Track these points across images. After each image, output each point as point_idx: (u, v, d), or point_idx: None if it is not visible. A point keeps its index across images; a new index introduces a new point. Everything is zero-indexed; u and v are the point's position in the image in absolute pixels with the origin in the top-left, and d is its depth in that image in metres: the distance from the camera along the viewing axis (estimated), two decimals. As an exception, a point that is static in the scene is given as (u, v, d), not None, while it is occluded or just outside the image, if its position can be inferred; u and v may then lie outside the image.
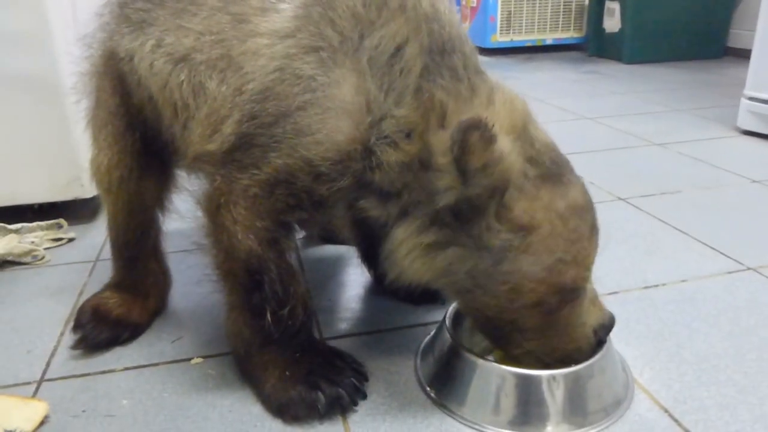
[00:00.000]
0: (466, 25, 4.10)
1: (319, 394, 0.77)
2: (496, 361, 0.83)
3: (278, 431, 0.76)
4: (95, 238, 1.33)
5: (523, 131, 0.70)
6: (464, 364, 0.79)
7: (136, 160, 0.90)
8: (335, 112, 0.69)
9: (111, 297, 0.97)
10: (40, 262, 1.21)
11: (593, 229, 0.71)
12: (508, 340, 0.78)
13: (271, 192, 0.72)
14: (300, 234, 1.28)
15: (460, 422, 0.77)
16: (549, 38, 3.97)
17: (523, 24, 3.89)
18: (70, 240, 1.32)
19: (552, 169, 0.70)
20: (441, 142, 0.66)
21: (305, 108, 0.69)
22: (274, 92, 0.70)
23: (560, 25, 3.95)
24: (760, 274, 1.12)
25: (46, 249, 1.26)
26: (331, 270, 1.19)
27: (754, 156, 1.83)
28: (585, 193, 0.72)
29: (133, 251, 0.97)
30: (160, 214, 0.99)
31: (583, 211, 0.70)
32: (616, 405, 0.79)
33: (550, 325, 0.73)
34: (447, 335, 0.84)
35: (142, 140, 0.90)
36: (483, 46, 3.92)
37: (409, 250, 0.71)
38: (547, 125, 0.76)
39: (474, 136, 0.62)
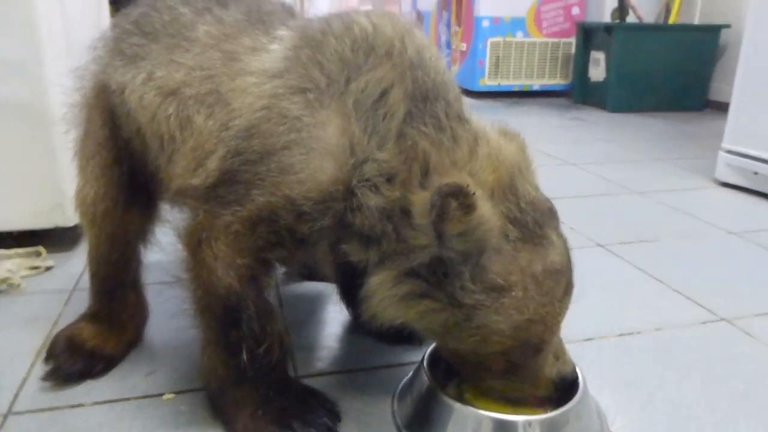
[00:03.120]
0: (456, 69, 4.21)
1: (291, 434, 0.76)
2: (466, 398, 0.84)
3: (247, 472, 0.75)
4: (74, 267, 1.32)
5: (509, 188, 0.70)
6: (441, 407, 0.79)
7: (122, 193, 0.91)
8: (319, 153, 0.70)
9: (86, 327, 0.96)
10: (15, 290, 1.20)
11: (567, 288, 0.72)
12: (475, 376, 0.80)
13: (252, 229, 0.73)
14: (280, 270, 1.28)
15: (431, 467, 0.76)
16: (536, 84, 4.08)
17: (511, 69, 4.00)
18: (48, 268, 1.30)
19: (534, 231, 0.69)
20: (421, 202, 0.67)
21: (290, 147, 0.70)
22: (260, 130, 0.72)
23: (547, 72, 4.07)
24: (733, 325, 1.14)
25: (22, 277, 1.24)
26: (310, 307, 1.19)
27: (731, 208, 1.87)
28: (564, 253, 0.72)
29: (112, 283, 0.97)
30: (142, 247, 0.99)
31: (559, 274, 0.70)
32: (591, 451, 0.79)
33: (514, 371, 0.75)
34: (424, 377, 0.84)
35: (128, 173, 0.90)
36: (472, 89, 4.02)
37: (384, 298, 0.71)
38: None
39: (453, 205, 0.63)
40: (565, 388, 0.81)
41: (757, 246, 1.55)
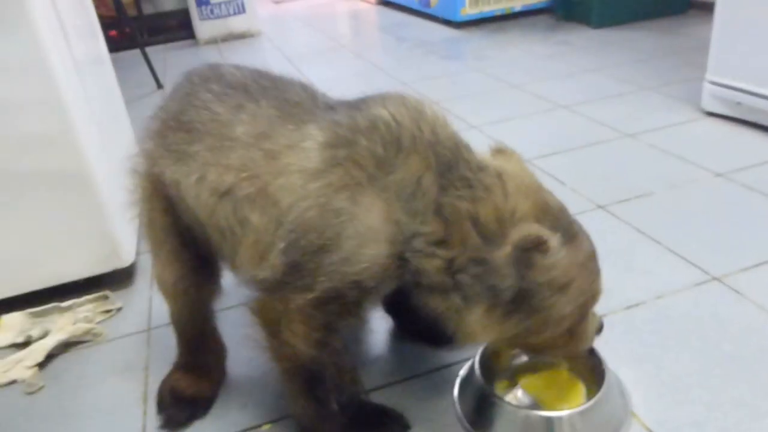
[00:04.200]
0: (435, 0, 4.14)
1: (377, 455, 0.96)
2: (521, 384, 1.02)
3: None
4: (140, 304, 1.48)
5: (545, 206, 0.85)
6: (494, 407, 0.98)
7: (195, 274, 1.05)
8: (374, 241, 0.83)
9: (182, 378, 1.14)
10: (98, 338, 1.36)
11: (597, 260, 0.89)
12: (540, 353, 0.99)
13: (323, 308, 0.87)
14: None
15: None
16: (518, 5, 4.03)
17: (491, -6, 3.94)
18: (119, 309, 1.46)
19: (570, 230, 0.85)
20: (504, 256, 0.80)
21: (347, 239, 0.82)
22: (314, 226, 0.83)
23: (527, -9, 4.01)
24: (723, 283, 1.31)
25: (98, 323, 1.41)
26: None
27: (718, 143, 1.99)
28: (589, 238, 0.89)
29: (196, 339, 1.13)
30: (215, 301, 1.14)
31: (593, 255, 0.88)
32: (619, 427, 0.98)
33: (571, 338, 0.92)
34: (477, 378, 1.02)
35: (197, 256, 1.04)
36: (453, 20, 3.98)
37: (485, 327, 0.85)
38: (525, 119, 0.88)
39: (536, 257, 0.78)
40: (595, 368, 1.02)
41: (742, 188, 1.69)
